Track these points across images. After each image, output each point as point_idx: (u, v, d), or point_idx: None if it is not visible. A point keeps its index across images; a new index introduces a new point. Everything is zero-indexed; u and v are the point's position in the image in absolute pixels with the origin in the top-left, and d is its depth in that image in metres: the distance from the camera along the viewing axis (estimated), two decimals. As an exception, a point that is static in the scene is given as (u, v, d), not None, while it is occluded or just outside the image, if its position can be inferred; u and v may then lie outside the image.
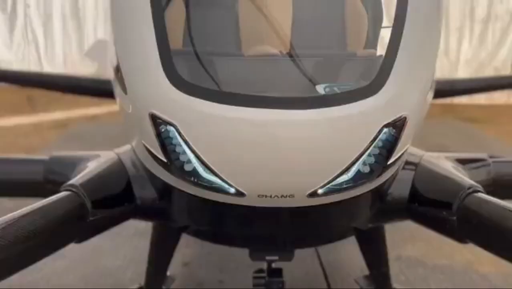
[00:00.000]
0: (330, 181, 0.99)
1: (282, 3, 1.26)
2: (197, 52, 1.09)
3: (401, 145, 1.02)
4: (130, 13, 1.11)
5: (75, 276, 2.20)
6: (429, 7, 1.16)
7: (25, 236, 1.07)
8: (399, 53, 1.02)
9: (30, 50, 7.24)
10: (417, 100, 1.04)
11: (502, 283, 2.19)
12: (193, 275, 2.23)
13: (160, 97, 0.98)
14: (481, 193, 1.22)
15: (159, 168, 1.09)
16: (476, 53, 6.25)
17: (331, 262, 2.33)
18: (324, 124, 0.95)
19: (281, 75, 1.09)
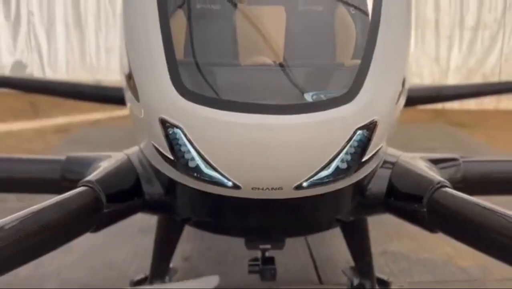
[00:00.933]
0: (312, 176, 1.16)
1: (274, 22, 1.44)
2: (199, 65, 1.27)
3: (373, 145, 1.20)
4: (142, 30, 1.29)
5: (83, 269, 2.37)
6: (399, 24, 1.34)
7: (48, 225, 1.24)
8: (371, 66, 1.19)
9: (33, 57, 7.41)
10: (387, 106, 1.22)
11: (479, 275, 2.36)
12: (194, 268, 2.39)
13: (168, 104, 1.15)
14: (448, 188, 1.40)
15: (166, 165, 1.26)
16: (466, 60, 6.46)
17: (321, 256, 2.50)
18: (307, 128, 1.13)
19: (271, 84, 1.27)
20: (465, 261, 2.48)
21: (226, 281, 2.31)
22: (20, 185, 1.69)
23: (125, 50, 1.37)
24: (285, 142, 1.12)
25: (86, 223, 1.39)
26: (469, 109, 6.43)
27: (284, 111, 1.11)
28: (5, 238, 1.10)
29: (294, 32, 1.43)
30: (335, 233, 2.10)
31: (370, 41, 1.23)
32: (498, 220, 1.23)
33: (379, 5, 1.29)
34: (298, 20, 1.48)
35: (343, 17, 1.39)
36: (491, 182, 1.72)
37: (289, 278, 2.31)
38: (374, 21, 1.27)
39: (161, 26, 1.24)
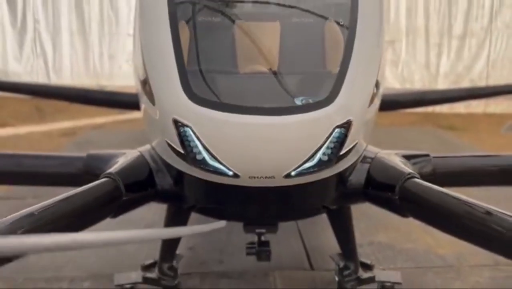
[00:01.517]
0: (299, 166, 1.40)
1: (268, 36, 1.69)
2: (204, 73, 1.52)
3: (349, 141, 1.44)
4: (156, 45, 1.53)
5: (98, 258, 2.60)
6: (372, 38, 1.59)
7: (75, 210, 1.48)
8: (347, 75, 1.44)
9: (39, 63, 7.67)
10: (360, 108, 1.46)
11: (455, 262, 2.61)
12: (197, 256, 2.63)
13: (180, 108, 1.40)
14: (417, 179, 1.64)
15: (176, 159, 1.50)
16: (454, 66, 6.73)
17: (313, 246, 2.75)
18: (294, 126, 1.37)
19: (265, 90, 1.51)
20: (444, 250, 2.72)
21: (226, 267, 2.56)
22: (47, 179, 1.92)
23: (142, 61, 1.61)
24: (276, 138, 1.37)
25: (107, 209, 1.63)
26: (459, 112, 6.71)
27: (275, 113, 1.36)
28: (36, 221, 1.33)
29: (285, 45, 1.67)
30: (325, 226, 2.36)
31: (347, 54, 1.48)
32: (460, 205, 1.46)
33: (354, 22, 1.54)
34: (288, 35, 1.72)
35: (325, 32, 1.64)
36: (458, 175, 1.96)
37: (283, 264, 2.55)
38: (350, 36, 1.52)
39: (173, 41, 1.48)
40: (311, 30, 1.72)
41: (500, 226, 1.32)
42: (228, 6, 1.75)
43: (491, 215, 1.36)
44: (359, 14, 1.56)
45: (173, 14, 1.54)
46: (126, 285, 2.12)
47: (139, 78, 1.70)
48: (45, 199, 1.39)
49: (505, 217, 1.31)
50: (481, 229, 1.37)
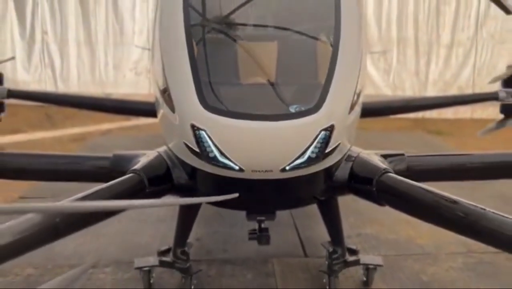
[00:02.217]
0: (292, 161, 1.73)
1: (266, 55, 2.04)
2: (215, 87, 1.85)
3: (333, 141, 1.77)
4: (176, 64, 1.87)
5: (116, 249, 2.92)
6: (353, 56, 1.93)
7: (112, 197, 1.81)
8: (331, 88, 1.77)
9: (47, 72, 8.01)
10: (342, 115, 1.80)
11: (433, 250, 2.94)
12: (204, 246, 2.96)
13: (196, 115, 1.73)
14: (391, 173, 1.98)
15: (191, 157, 1.83)
16: (442, 74, 7.10)
17: (307, 236, 3.08)
18: (288, 130, 1.71)
19: (265, 100, 1.85)
20: (423, 240, 3.06)
21: (230, 255, 2.89)
22: (78, 176, 2.25)
23: (162, 76, 1.94)
24: (274, 139, 1.70)
25: (134, 199, 1.96)
26: (447, 118, 7.06)
27: (273, 119, 1.69)
28: None
29: (280, 62, 2.02)
30: (317, 220, 2.68)
31: (331, 70, 1.81)
32: (427, 195, 1.79)
33: (337, 43, 1.87)
34: (283, 54, 2.06)
35: (313, 52, 1.99)
36: (430, 171, 2.29)
37: (281, 253, 2.88)
38: (333, 55, 1.85)
39: (190, 60, 1.82)
40: (302, 50, 2.06)
41: (463, 212, 1.65)
42: (233, 30, 2.10)
43: (456, 204, 1.69)
44: (341, 36, 1.90)
45: (189, 37, 1.89)
46: (145, 268, 2.44)
47: (159, 90, 2.03)
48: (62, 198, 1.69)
49: (468, 205, 1.64)
50: (447, 215, 1.70)
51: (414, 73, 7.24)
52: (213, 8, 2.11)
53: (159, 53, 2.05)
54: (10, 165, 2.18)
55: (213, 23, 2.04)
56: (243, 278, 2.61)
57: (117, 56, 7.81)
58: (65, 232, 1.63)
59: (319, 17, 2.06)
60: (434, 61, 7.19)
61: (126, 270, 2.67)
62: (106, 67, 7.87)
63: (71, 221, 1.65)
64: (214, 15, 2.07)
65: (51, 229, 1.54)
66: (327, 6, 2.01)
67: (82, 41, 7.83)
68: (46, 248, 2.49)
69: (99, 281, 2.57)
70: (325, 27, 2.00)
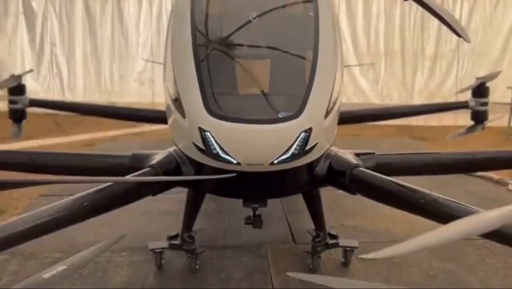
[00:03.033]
0: (279, 156, 2.17)
1: (260, 70, 2.49)
2: (217, 97, 2.30)
3: (311, 141, 2.20)
4: (186, 78, 2.32)
5: (130, 236, 3.34)
6: (329, 69, 2.37)
7: (130, 188, 2.25)
8: (310, 97, 2.21)
9: (55, 82, 8.47)
10: (318, 119, 2.23)
11: (404, 237, 3.36)
12: (206, 235, 3.38)
13: (203, 119, 2.17)
14: (361, 168, 2.43)
15: (198, 154, 2.27)
16: (427, 84, 7.59)
17: (296, 226, 3.52)
18: (276, 131, 2.15)
19: (258, 107, 2.29)
20: (397, 230, 3.50)
21: (229, 242, 3.33)
22: (101, 171, 2.69)
23: (174, 87, 2.39)
24: (264, 139, 2.15)
25: (151, 189, 2.40)
26: (432, 125, 7.53)
27: (263, 122, 2.14)
28: (98, 192, 2.08)
29: (271, 76, 2.47)
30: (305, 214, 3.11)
31: (309, 84, 2.26)
32: (390, 184, 2.24)
33: (315, 61, 2.33)
34: (273, 70, 2.51)
35: (296, 69, 2.44)
36: (395, 166, 2.74)
37: (273, 240, 3.32)
38: (312, 71, 2.30)
39: (197, 75, 2.27)
40: (287, 67, 2.51)
41: (421, 198, 2.09)
42: (231, 50, 2.55)
43: (415, 192, 2.13)
44: (318, 55, 2.35)
45: (197, 56, 2.33)
46: (157, 250, 2.88)
47: (172, 100, 2.48)
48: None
49: (425, 192, 2.08)
50: (407, 200, 2.14)
51: (401, 83, 7.74)
52: (215, 32, 2.57)
53: (171, 70, 2.50)
54: (47, 162, 2.62)
55: (216, 45, 2.49)
56: (240, 260, 3.05)
57: (122, 67, 8.28)
58: (92, 214, 2.07)
59: (301, 39, 2.52)
60: (420, 72, 7.69)
61: (140, 254, 3.11)
62: (112, 77, 8.34)
63: (97, 205, 2.09)
64: (217, 38, 2.53)
65: (81, 210, 1.99)
66: (308, 31, 2.46)
67: (88, 53, 8.30)
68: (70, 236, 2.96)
69: (117, 262, 3.01)
70: (306, 48, 2.45)
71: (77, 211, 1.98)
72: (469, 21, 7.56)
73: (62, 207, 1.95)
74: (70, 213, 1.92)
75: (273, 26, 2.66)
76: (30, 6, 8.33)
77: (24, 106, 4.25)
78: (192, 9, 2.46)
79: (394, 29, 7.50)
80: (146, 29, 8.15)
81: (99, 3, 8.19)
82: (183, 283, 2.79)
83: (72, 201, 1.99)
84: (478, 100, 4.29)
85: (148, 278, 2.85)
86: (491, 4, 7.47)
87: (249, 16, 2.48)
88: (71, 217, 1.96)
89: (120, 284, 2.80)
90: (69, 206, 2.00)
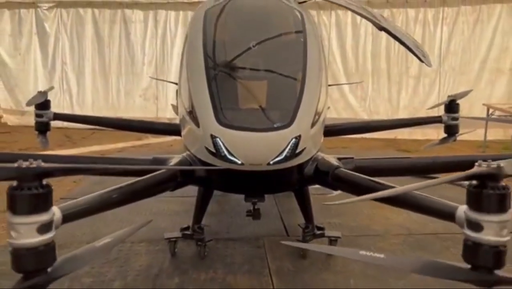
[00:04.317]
0: (274, 158, 2.70)
1: (258, 88, 3.06)
2: (224, 109, 2.85)
3: (301, 145, 2.74)
4: (200, 94, 2.87)
5: (145, 231, 3.84)
6: (314, 87, 2.93)
7: (151, 184, 2.80)
8: (299, 110, 2.77)
9: (65, 97, 9.02)
10: (305, 128, 2.78)
11: (383, 232, 3.93)
12: (211, 230, 3.90)
13: (214, 128, 2.72)
14: (342, 168, 2.99)
15: (209, 156, 2.83)
16: (411, 101, 8.21)
17: (289, 221, 4.07)
18: (272, 138, 2.69)
19: (257, 118, 2.85)
20: (377, 226, 4.06)
21: (232, 235, 3.86)
22: (128, 172, 3.24)
23: (190, 102, 2.94)
24: (263, 144, 2.69)
25: (170, 185, 2.95)
26: (416, 138, 8.12)
27: (262, 130, 2.67)
28: (125, 187, 2.62)
29: (268, 94, 3.04)
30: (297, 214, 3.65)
31: (298, 100, 2.81)
32: (365, 181, 2.79)
33: (303, 83, 2.89)
34: (270, 88, 3.07)
35: (288, 88, 3.01)
36: (370, 169, 3.30)
37: (269, 233, 3.86)
38: (301, 89, 2.86)
39: (209, 91, 2.82)
40: (281, 86, 3.08)
41: None
42: (236, 73, 3.12)
43: (386, 186, 2.67)
44: (306, 78, 2.91)
45: (208, 77, 2.88)
46: (172, 239, 3.42)
47: (187, 112, 3.04)
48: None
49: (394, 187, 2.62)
50: None
51: (387, 100, 8.35)
52: (223, 58, 3.14)
53: (187, 88, 3.07)
54: (80, 163, 3.17)
55: (223, 69, 3.06)
56: (241, 249, 3.59)
57: (128, 84, 8.86)
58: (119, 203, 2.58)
59: (292, 64, 3.08)
60: (404, 90, 8.31)
61: (156, 245, 3.64)
62: (118, 93, 8.90)
63: (123, 197, 2.62)
64: (224, 63, 3.10)
65: (110, 200, 2.49)
66: (297, 57, 3.03)
67: (97, 70, 8.88)
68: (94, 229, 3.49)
69: (137, 251, 3.54)
70: (296, 71, 3.02)
71: (118, 197, 2.51)
72: (449, 43, 8.22)
73: (107, 193, 2.46)
74: (117, 197, 2.44)
75: (269, 53, 3.24)
76: (43, 28, 8.92)
77: (49, 119, 4.79)
78: (203, 40, 3.04)
79: (381, 50, 8.13)
80: (151, 49, 8.75)
81: (107, 25, 8.80)
82: (193, 267, 3.32)
83: (113, 190, 2.52)
84: (450, 115, 4.88)
85: (164, 263, 3.38)
86: (468, 28, 8.14)
87: (249, 45, 3.07)
88: (116, 200, 2.47)
89: (142, 266, 3.33)
90: (117, 190, 2.51)
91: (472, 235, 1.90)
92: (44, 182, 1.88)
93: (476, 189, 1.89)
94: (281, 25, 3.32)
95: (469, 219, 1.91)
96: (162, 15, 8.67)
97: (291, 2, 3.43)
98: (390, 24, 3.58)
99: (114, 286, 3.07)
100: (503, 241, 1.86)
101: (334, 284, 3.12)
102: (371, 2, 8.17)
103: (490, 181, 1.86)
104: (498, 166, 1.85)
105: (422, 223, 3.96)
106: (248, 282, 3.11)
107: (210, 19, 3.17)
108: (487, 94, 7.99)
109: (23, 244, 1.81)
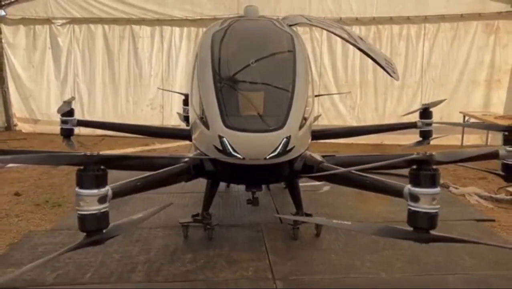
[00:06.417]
0: (270, 154, 3.41)
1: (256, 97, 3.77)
2: (229, 115, 3.55)
3: (291, 144, 3.44)
4: (209, 101, 3.57)
5: (161, 220, 4.53)
6: (302, 96, 3.64)
7: (170, 175, 3.49)
8: (290, 115, 3.48)
9: (76, 107, 9.62)
10: (295, 130, 3.48)
11: (363, 220, 4.61)
12: (217, 218, 4.56)
13: (221, 130, 3.42)
14: (325, 163, 3.70)
15: (217, 153, 3.52)
16: (396, 109, 8.94)
17: (282, 210, 4.76)
18: (268, 137, 3.40)
19: (256, 122, 3.55)
20: (359, 216, 4.74)
21: (234, 222, 4.55)
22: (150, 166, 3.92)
23: (200, 108, 3.64)
24: (260, 142, 3.40)
25: (185, 176, 3.65)
26: (401, 144, 8.82)
27: (260, 132, 3.38)
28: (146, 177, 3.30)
29: (265, 102, 3.75)
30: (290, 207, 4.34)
31: (289, 107, 3.52)
32: (344, 173, 3.50)
33: (293, 93, 3.59)
34: (266, 98, 3.79)
35: (281, 98, 3.72)
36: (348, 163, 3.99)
37: (266, 221, 4.55)
38: (291, 97, 3.57)
39: (217, 99, 3.53)
40: (275, 96, 3.79)
41: (366, 179, 3.33)
42: (238, 84, 3.82)
43: (362, 176, 3.36)
44: (295, 88, 3.62)
45: (216, 87, 3.59)
46: (185, 223, 4.11)
47: (198, 117, 3.74)
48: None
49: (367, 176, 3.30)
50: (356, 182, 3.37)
51: (374, 109, 9.09)
52: (228, 73, 3.82)
53: (198, 98, 3.76)
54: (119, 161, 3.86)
55: (228, 82, 3.77)
56: (243, 233, 4.27)
57: (136, 94, 9.56)
58: (147, 188, 3.26)
59: (284, 78, 3.79)
60: (389, 100, 9.05)
61: (171, 229, 4.33)
62: (127, 103, 9.60)
63: (149, 184, 3.30)
64: (229, 77, 3.79)
65: (141, 185, 3.17)
66: (288, 73, 3.74)
67: (107, 82, 9.59)
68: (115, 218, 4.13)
69: (155, 234, 4.23)
70: (287, 85, 3.72)
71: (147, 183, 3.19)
72: (430, 56, 8.97)
73: (138, 180, 3.14)
74: (146, 183, 3.13)
75: (265, 69, 3.95)
76: (57, 42, 9.63)
77: (73, 125, 5.48)
78: (212, 58, 3.75)
79: (368, 64, 8.85)
80: (158, 62, 9.48)
81: (117, 40, 9.51)
82: (203, 246, 4.00)
83: (142, 178, 3.20)
84: (424, 122, 5.58)
85: (179, 243, 4.07)
86: (447, 43, 8.91)
87: (249, 62, 3.78)
88: (145, 186, 3.15)
89: (160, 245, 4.01)
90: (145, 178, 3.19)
91: (413, 205, 2.61)
92: (102, 166, 2.58)
93: (415, 171, 2.60)
94: (275, 46, 4.05)
95: (411, 193, 2.61)
96: (168, 31, 9.40)
97: (284, 26, 4.16)
98: (365, 44, 4.30)
99: (139, 260, 3.75)
100: (435, 208, 2.57)
101: (319, 258, 3.81)
102: (360, 19, 8.96)
103: (424, 164, 2.57)
104: (430, 154, 2.57)
105: (395, 212, 4.65)
106: (248, 256, 3.79)
107: (216, 41, 3.89)
108: (464, 104, 8.73)
109: (88, 210, 2.50)
